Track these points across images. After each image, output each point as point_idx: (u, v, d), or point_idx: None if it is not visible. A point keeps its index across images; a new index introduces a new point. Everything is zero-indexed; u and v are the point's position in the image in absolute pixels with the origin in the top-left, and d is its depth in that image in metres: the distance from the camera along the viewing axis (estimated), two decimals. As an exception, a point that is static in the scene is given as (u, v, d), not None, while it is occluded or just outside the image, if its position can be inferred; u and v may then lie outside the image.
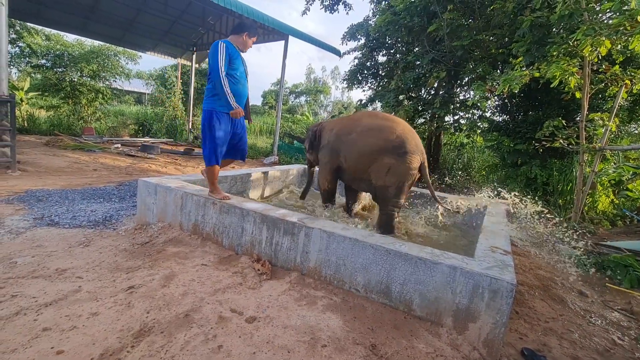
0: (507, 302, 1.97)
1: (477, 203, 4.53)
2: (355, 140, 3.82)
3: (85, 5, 10.96)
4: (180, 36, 13.71)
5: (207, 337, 1.84)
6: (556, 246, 4.54)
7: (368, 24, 9.90)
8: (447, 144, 10.38)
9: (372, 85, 10.37)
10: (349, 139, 3.87)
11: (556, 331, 2.45)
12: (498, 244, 2.71)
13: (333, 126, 4.21)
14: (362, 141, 3.79)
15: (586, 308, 2.92)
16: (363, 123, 3.91)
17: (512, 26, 6.12)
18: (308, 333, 1.98)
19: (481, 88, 5.45)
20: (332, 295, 2.44)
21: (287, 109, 26.94)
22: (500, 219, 3.79)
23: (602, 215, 6.12)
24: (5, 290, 2.12)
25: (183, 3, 11.28)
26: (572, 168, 6.22)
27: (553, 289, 3.23)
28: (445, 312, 2.16)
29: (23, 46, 12.96)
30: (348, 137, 3.88)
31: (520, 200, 4.63)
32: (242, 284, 2.48)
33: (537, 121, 6.65)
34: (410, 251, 2.28)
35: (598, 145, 5.00)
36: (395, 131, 3.79)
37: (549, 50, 4.83)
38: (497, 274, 2.03)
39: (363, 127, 3.86)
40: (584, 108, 5.01)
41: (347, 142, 3.89)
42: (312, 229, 2.61)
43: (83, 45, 14.15)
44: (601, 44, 3.98)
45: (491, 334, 2.03)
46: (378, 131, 3.77)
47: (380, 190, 3.84)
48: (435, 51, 7.79)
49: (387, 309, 2.31)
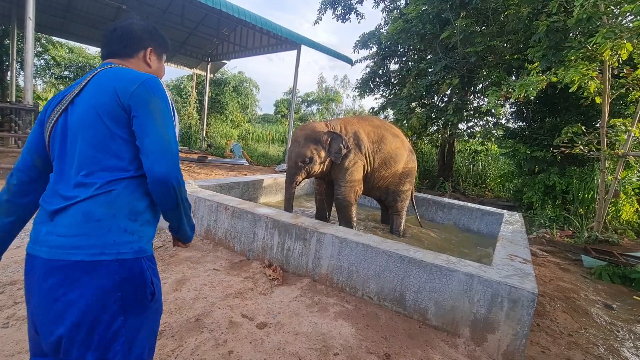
0: (528, 313, 1.88)
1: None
2: (385, 148, 3.90)
3: (107, 18, 11.43)
4: (196, 47, 14.10)
5: (217, 342, 1.82)
6: (578, 256, 4.36)
7: (380, 32, 9.94)
8: (460, 151, 10.23)
9: (384, 93, 10.36)
10: (381, 148, 3.89)
11: (581, 345, 2.32)
12: (517, 252, 2.61)
13: (355, 130, 3.83)
14: (392, 150, 3.94)
15: (612, 321, 2.77)
16: (385, 131, 4.02)
17: (527, 31, 6.03)
18: (320, 340, 1.93)
19: (496, 94, 5.36)
20: (344, 302, 2.39)
21: (299, 117, 27.19)
22: (518, 228, 3.68)
23: (626, 224, 5.86)
24: (23, 291, 2.16)
25: (199, 15, 11.63)
26: (593, 175, 6.00)
27: (576, 300, 3.08)
28: (462, 322, 2.08)
29: (48, 59, 13.59)
30: (380, 144, 3.90)
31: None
32: (253, 289, 2.46)
33: (555, 127, 6.48)
34: (425, 258, 2.22)
35: (621, 152, 4.81)
36: (405, 140, 4.22)
37: (566, 54, 4.72)
38: (517, 283, 1.95)
39: (388, 135, 3.98)
40: (605, 113, 4.86)
41: (379, 149, 3.88)
42: (324, 235, 2.58)
43: (104, 57, 14.71)
44: (622, 47, 3.87)
45: (511, 346, 1.94)
46: (400, 141, 4.08)
47: (399, 194, 4.09)
48: (448, 58, 7.74)
49: (401, 317, 2.25)
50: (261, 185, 4.81)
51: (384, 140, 3.91)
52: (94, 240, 0.87)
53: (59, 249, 0.86)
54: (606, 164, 5.06)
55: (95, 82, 0.97)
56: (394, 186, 4.08)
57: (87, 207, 0.88)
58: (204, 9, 9.92)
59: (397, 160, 3.97)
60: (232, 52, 14.00)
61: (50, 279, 0.86)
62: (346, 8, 10.75)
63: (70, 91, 0.98)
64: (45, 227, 0.90)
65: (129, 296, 0.89)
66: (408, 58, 9.74)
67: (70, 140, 0.94)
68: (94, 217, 0.88)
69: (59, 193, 0.92)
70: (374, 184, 4.00)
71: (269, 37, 11.83)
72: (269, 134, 19.04)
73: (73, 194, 0.90)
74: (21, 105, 6.20)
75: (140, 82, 0.95)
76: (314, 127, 3.64)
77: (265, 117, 29.67)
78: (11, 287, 2.19)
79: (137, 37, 1.10)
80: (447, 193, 8.39)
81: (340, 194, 3.67)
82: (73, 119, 0.94)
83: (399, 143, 4.03)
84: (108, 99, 0.92)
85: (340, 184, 3.66)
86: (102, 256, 0.87)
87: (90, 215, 0.88)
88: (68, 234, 0.87)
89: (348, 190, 3.66)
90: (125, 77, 0.96)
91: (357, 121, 4.00)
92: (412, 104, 8.90)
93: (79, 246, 0.86)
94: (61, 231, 0.87)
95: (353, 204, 3.72)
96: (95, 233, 0.87)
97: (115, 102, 0.92)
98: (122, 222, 0.91)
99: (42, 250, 0.88)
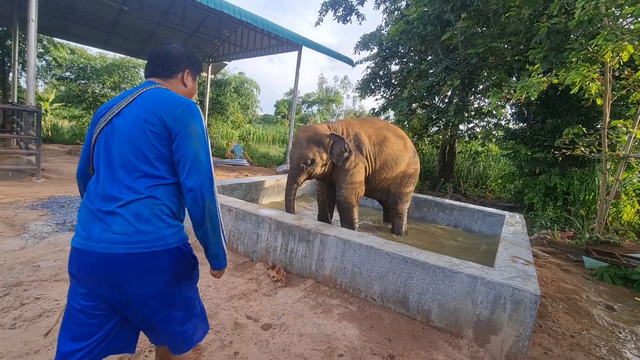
0: (531, 314, 1.90)
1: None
2: (387, 150, 3.90)
3: (108, 20, 11.46)
4: (197, 48, 14.12)
5: (223, 343, 1.83)
6: (579, 257, 4.37)
7: (381, 33, 9.97)
8: (461, 152, 10.24)
9: (384, 94, 10.38)
10: (383, 150, 3.89)
11: (583, 346, 2.33)
12: (519, 254, 2.63)
13: (356, 132, 3.82)
14: (394, 152, 3.95)
15: (614, 323, 2.78)
16: (387, 132, 4.02)
17: (528, 33, 6.05)
18: (324, 342, 1.94)
19: (497, 95, 5.38)
20: (347, 303, 2.40)
21: (299, 118, 27.21)
22: (520, 229, 3.69)
23: (627, 226, 5.88)
24: (29, 292, 2.18)
25: (200, 16, 11.66)
26: (594, 177, 6.02)
27: (578, 302, 3.09)
28: (465, 323, 2.10)
29: (49, 60, 13.60)
30: (381, 146, 3.90)
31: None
32: (257, 291, 2.47)
33: (556, 129, 6.50)
34: (428, 260, 2.24)
35: (622, 153, 4.83)
36: (407, 141, 4.22)
37: (567, 56, 4.74)
38: (520, 285, 1.97)
39: (391, 137, 3.99)
40: (606, 115, 4.88)
41: (380, 151, 3.88)
42: (327, 236, 2.60)
43: (105, 59, 14.76)
44: (623, 49, 3.89)
45: (514, 347, 1.95)
46: (403, 143, 4.09)
47: (400, 196, 4.11)
48: (449, 59, 7.76)
49: (405, 318, 2.26)
50: (263, 186, 4.83)
51: (386, 142, 3.91)
52: (146, 236, 1.06)
53: (118, 244, 1.03)
54: (607, 165, 5.07)
55: (142, 100, 1.13)
56: (396, 188, 4.10)
57: (136, 208, 1.06)
58: (205, 10, 9.95)
59: (398, 162, 3.97)
60: (233, 53, 14.03)
61: (114, 268, 1.04)
62: (347, 9, 10.78)
63: (117, 103, 1.14)
64: (99, 226, 1.05)
65: (178, 272, 1.14)
66: (409, 59, 9.77)
67: (117, 148, 1.10)
68: (143, 217, 1.06)
69: (111, 195, 1.07)
70: (375, 186, 4.01)
71: (270, 38, 11.86)
72: (269, 135, 19.06)
73: (123, 196, 1.06)
74: (23, 107, 6.21)
75: (183, 107, 1.13)
76: (317, 129, 3.66)
77: (265, 117, 29.68)
78: (17, 289, 2.21)
79: (177, 61, 1.28)
80: (448, 194, 8.41)
81: (341, 195, 3.69)
82: (120, 130, 1.10)
83: (401, 145, 4.03)
84: (154, 120, 1.09)
85: (342, 186, 3.68)
86: (155, 248, 1.07)
87: (140, 216, 1.06)
88: (124, 232, 1.04)
89: (349, 191, 3.67)
90: (170, 101, 1.13)
91: (359, 123, 3.99)
92: (412, 105, 8.92)
93: (135, 242, 1.04)
94: (116, 229, 1.04)
95: (354, 206, 3.73)
96: (146, 230, 1.06)
97: (160, 123, 1.09)
98: (165, 219, 1.11)
99: (100, 245, 1.03)
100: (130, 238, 1.04)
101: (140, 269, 1.06)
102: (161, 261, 1.08)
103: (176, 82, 1.29)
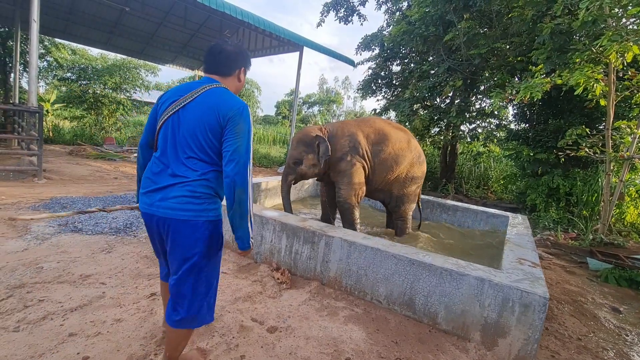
0: (540, 317, 1.88)
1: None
2: (386, 150, 3.82)
3: (109, 20, 11.46)
4: (198, 49, 14.13)
5: (229, 347, 1.82)
6: (583, 259, 4.35)
7: (382, 34, 9.96)
8: (463, 153, 10.22)
9: (386, 94, 10.37)
10: (382, 149, 3.80)
11: (590, 349, 2.32)
12: (525, 255, 2.61)
13: (352, 132, 3.79)
14: (394, 151, 3.85)
15: (620, 325, 2.76)
16: (388, 131, 3.91)
17: (531, 34, 6.04)
18: (331, 345, 1.93)
19: (500, 96, 5.36)
20: (353, 306, 2.38)
21: (300, 118, 27.19)
22: (524, 230, 3.67)
23: (630, 227, 5.85)
24: (33, 294, 2.16)
25: (202, 16, 11.65)
26: (597, 178, 6.00)
27: (583, 304, 3.07)
28: (472, 326, 2.08)
29: (51, 60, 13.59)
30: (380, 145, 3.81)
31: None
32: (262, 293, 2.45)
33: (559, 130, 6.48)
34: (434, 262, 2.22)
35: (626, 154, 4.81)
36: (412, 141, 4.09)
37: (570, 57, 4.72)
38: (529, 287, 1.95)
39: (391, 136, 3.88)
40: (610, 116, 4.86)
41: (379, 151, 3.80)
42: (332, 238, 2.58)
43: (106, 59, 14.74)
44: (628, 50, 3.87)
45: (522, 350, 1.93)
46: (406, 142, 3.98)
47: (402, 198, 4.03)
48: (451, 60, 7.75)
49: (411, 321, 2.24)
50: (266, 187, 4.81)
51: (386, 141, 3.81)
52: (195, 207, 1.36)
53: (171, 210, 1.35)
54: (611, 166, 5.05)
55: (204, 98, 1.39)
56: (398, 189, 3.99)
57: (192, 186, 1.36)
58: (206, 11, 9.95)
59: (399, 161, 3.86)
60: (234, 53, 14.00)
61: (167, 229, 1.37)
62: (349, 10, 10.78)
63: (182, 96, 1.41)
64: (159, 195, 1.37)
65: (210, 244, 1.43)
66: (410, 60, 9.76)
67: (181, 135, 1.38)
68: (195, 194, 1.36)
69: (173, 173, 1.37)
70: (376, 186, 3.93)
71: (271, 39, 11.85)
72: (270, 136, 19.04)
73: (183, 174, 1.37)
74: (25, 107, 6.20)
75: (236, 109, 1.37)
76: (307, 131, 3.77)
77: (266, 118, 29.67)
78: (20, 290, 2.19)
79: (235, 60, 1.51)
80: (449, 195, 8.39)
81: (340, 196, 3.67)
82: (185, 122, 1.38)
83: (403, 144, 3.91)
84: (212, 118, 1.36)
85: (340, 187, 3.67)
86: (199, 218, 1.37)
87: (194, 191, 1.36)
88: (178, 202, 1.35)
89: (348, 192, 3.65)
90: (228, 103, 1.38)
91: (356, 123, 3.93)
92: (414, 105, 8.91)
93: (185, 210, 1.35)
94: (172, 199, 1.35)
95: (354, 207, 3.69)
96: (195, 202, 1.36)
97: (217, 121, 1.36)
98: (211, 198, 1.41)
99: (159, 210, 1.36)
100: (183, 206, 1.34)
101: (185, 233, 1.36)
102: (202, 230, 1.38)
103: (233, 78, 1.54)
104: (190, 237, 1.36)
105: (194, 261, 1.38)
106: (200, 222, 1.37)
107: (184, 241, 1.37)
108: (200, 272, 1.41)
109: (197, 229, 1.37)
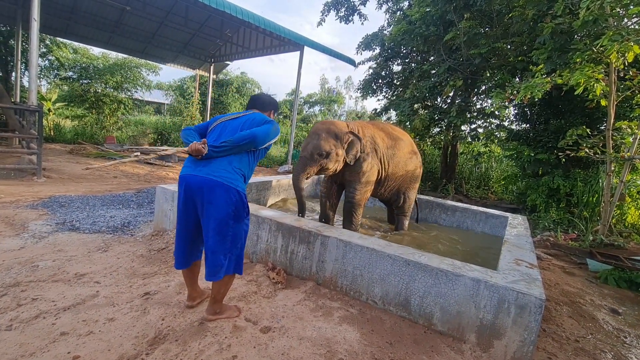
0: (536, 319, 1.86)
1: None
2: (399, 153, 4.05)
3: (111, 19, 11.48)
4: (199, 48, 14.14)
5: (221, 347, 1.80)
6: (583, 260, 4.32)
7: (383, 33, 9.94)
8: (463, 153, 10.18)
9: (386, 94, 10.35)
10: (395, 153, 4.00)
11: (588, 351, 2.29)
12: (523, 256, 2.58)
13: (372, 134, 3.85)
14: (404, 154, 4.11)
15: (619, 327, 2.74)
16: (397, 135, 4.17)
17: (532, 34, 6.01)
18: (324, 346, 1.91)
19: (500, 96, 5.33)
20: (348, 306, 2.37)
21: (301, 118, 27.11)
22: (523, 231, 3.65)
23: (631, 228, 5.81)
24: (27, 293, 2.15)
25: (203, 16, 11.66)
26: (598, 178, 5.96)
27: (582, 305, 3.05)
28: (468, 328, 2.06)
29: (52, 59, 13.62)
30: (394, 149, 4.01)
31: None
32: (257, 293, 2.44)
33: (559, 130, 6.44)
34: (430, 262, 2.20)
35: (627, 155, 4.77)
36: (411, 142, 4.39)
37: (571, 57, 4.69)
38: (524, 289, 1.93)
39: (401, 140, 4.15)
40: (611, 116, 4.83)
41: (393, 154, 3.99)
42: (328, 238, 2.56)
43: (107, 58, 14.77)
44: (629, 50, 3.84)
45: (518, 352, 1.91)
46: (411, 144, 4.29)
47: (407, 197, 4.29)
48: (452, 60, 7.72)
49: (406, 322, 2.22)
50: (265, 187, 4.80)
51: (397, 145, 4.05)
52: (228, 175, 1.88)
53: (211, 174, 1.86)
54: (612, 166, 5.01)
55: (246, 116, 2.11)
56: (405, 188, 4.25)
57: (230, 158, 1.93)
58: (207, 11, 9.94)
59: (408, 164, 4.15)
60: (235, 53, 14.03)
61: (206, 187, 1.84)
62: (349, 9, 10.76)
63: (228, 117, 2.12)
64: (202, 162, 1.91)
65: (237, 209, 1.91)
66: (411, 59, 9.73)
67: (227, 131, 2.01)
68: (228, 168, 1.90)
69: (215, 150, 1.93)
70: (387, 188, 4.10)
71: (272, 39, 11.85)
72: (271, 135, 18.97)
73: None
74: (25, 106, 6.22)
75: (266, 119, 2.11)
76: (337, 124, 3.59)
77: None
78: (15, 289, 2.19)
79: (269, 103, 2.32)
80: (449, 195, 8.36)
81: (354, 197, 3.66)
82: (230, 126, 2.04)
83: (409, 148, 4.23)
84: (249, 124, 2.05)
85: (355, 187, 3.65)
86: (231, 185, 1.87)
87: (226, 166, 1.90)
88: (216, 170, 1.87)
89: (362, 193, 3.68)
90: (262, 117, 2.13)
91: (373, 126, 4.06)
92: (415, 105, 8.88)
93: (221, 176, 1.86)
94: (211, 168, 1.88)
95: (362, 206, 3.76)
96: (230, 171, 1.90)
97: (251, 125, 2.04)
98: (238, 173, 1.94)
99: (200, 174, 1.86)
100: (218, 174, 1.86)
101: (218, 192, 1.84)
102: (230, 194, 1.86)
103: (267, 114, 2.27)
104: (222, 197, 1.83)
105: (224, 220, 1.85)
106: (231, 188, 1.86)
107: (218, 200, 1.83)
108: (229, 229, 1.87)
109: (229, 192, 1.85)
